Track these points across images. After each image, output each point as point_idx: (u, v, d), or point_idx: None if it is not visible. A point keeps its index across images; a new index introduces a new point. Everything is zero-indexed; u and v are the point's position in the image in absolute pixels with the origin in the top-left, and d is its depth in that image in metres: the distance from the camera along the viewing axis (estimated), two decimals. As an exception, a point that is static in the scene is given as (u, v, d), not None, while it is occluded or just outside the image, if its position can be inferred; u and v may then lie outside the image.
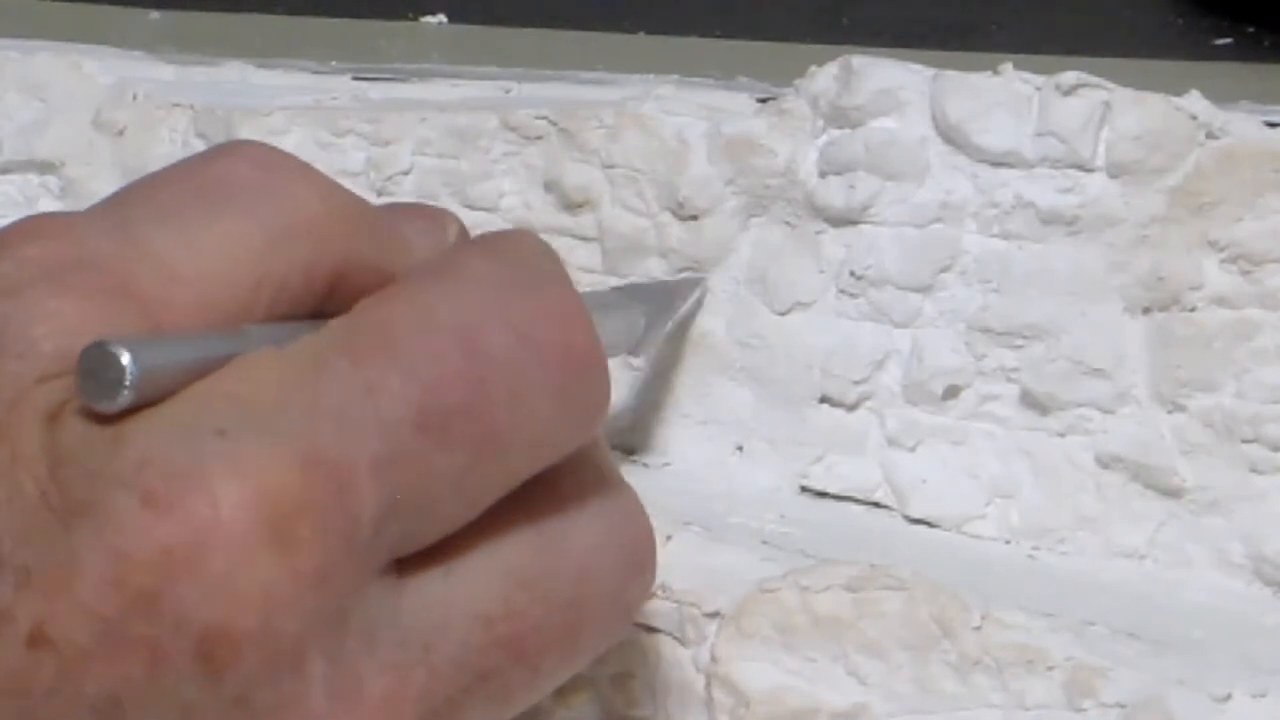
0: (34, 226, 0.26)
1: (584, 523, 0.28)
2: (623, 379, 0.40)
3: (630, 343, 0.36)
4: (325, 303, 0.27)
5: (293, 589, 0.23)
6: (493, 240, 0.29)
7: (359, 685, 0.24)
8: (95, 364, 0.23)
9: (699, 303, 0.39)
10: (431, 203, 0.30)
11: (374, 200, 0.42)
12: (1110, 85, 0.36)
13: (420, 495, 0.25)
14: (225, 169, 0.27)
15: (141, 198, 0.27)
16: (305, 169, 0.27)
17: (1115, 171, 0.36)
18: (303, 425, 0.23)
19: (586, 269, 0.40)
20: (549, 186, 0.41)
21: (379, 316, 0.25)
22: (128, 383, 0.23)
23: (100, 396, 0.23)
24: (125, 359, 0.23)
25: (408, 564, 0.25)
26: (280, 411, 0.23)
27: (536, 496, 0.27)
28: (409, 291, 0.26)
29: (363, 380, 0.24)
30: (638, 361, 0.39)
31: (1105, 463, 0.37)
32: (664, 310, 0.38)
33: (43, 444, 0.23)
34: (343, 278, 0.27)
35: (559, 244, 0.40)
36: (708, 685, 0.33)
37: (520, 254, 0.28)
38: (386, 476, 0.24)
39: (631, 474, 0.39)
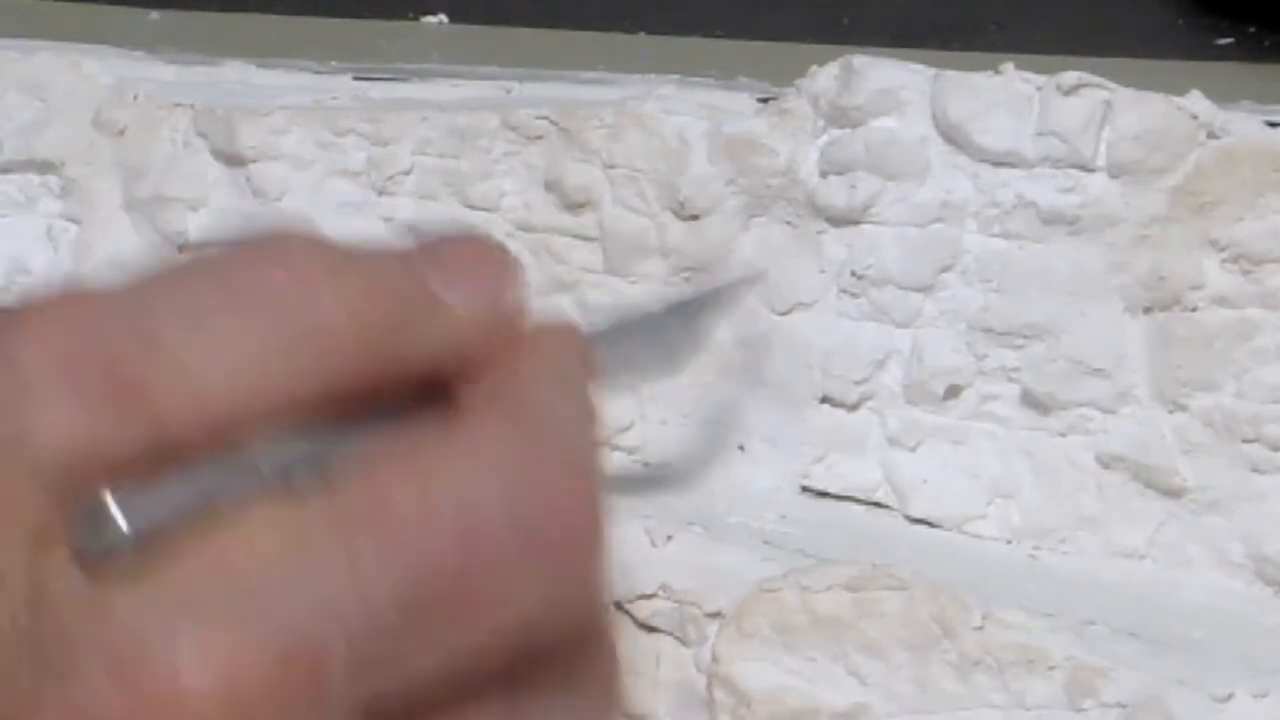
0: (60, 309, 0.26)
1: (558, 697, 0.28)
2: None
3: (671, 365, 0.35)
4: (364, 402, 0.27)
5: None
6: (523, 392, 0.28)
7: None
8: (90, 521, 0.23)
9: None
10: (484, 237, 0.29)
11: (373, 200, 0.42)
12: (1111, 85, 0.36)
13: (394, 677, 0.25)
14: (254, 268, 0.27)
15: (169, 292, 0.27)
16: (341, 268, 0.27)
17: (1116, 171, 0.36)
18: (285, 608, 0.24)
19: (587, 269, 0.40)
20: (550, 186, 0.41)
21: (375, 484, 0.25)
22: (124, 550, 0.23)
23: (94, 551, 0.23)
24: (123, 524, 0.23)
25: None
26: (260, 591, 0.24)
27: (518, 672, 0.27)
28: (409, 459, 0.26)
29: (347, 557, 0.24)
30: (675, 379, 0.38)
31: (1106, 462, 0.37)
32: (709, 318, 0.37)
33: (27, 576, 0.24)
34: (380, 377, 0.27)
35: (559, 244, 0.40)
36: (709, 685, 0.33)
37: (549, 416, 0.27)
38: (361, 657, 0.24)
39: (632, 474, 0.39)
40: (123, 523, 0.23)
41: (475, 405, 0.29)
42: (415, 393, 0.27)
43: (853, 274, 0.38)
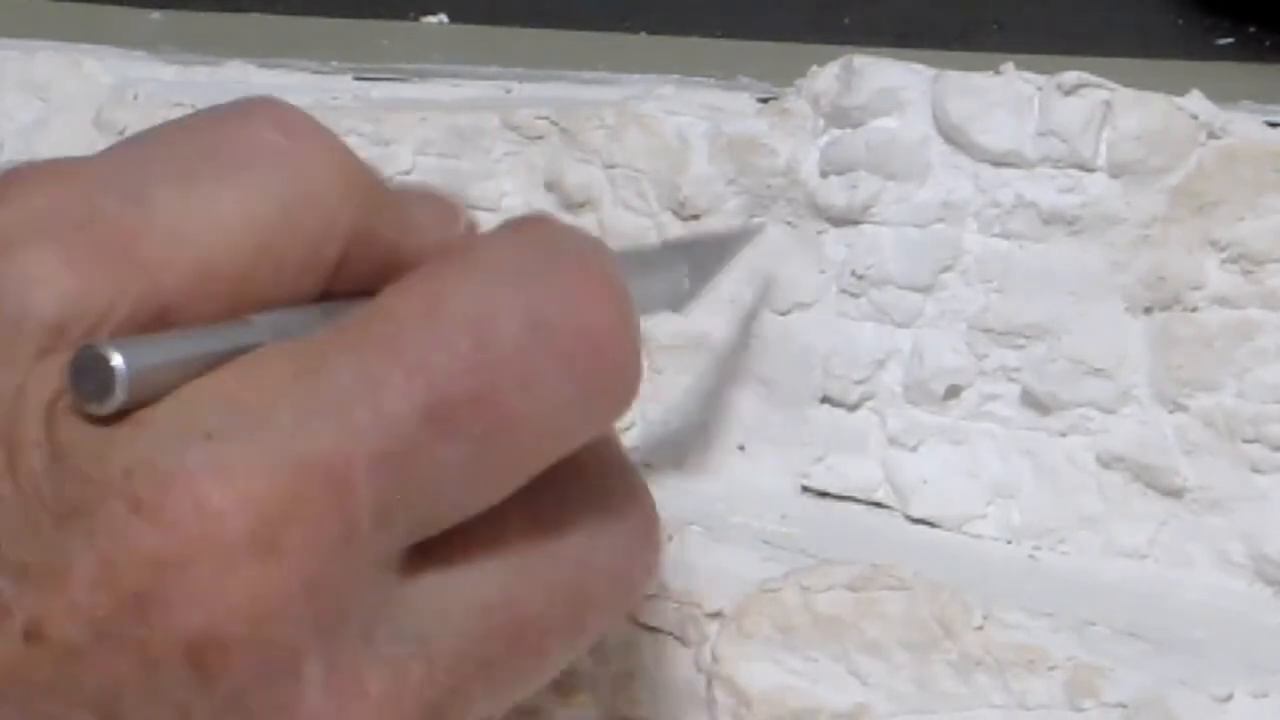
0: (40, 174, 0.25)
1: (587, 508, 0.27)
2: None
3: (673, 299, 0.34)
4: (334, 278, 0.26)
5: (282, 596, 0.23)
6: (512, 224, 0.28)
7: (358, 682, 0.24)
8: (87, 366, 0.23)
9: (749, 243, 0.38)
10: (445, 191, 0.29)
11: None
12: (1111, 85, 0.36)
13: (427, 487, 0.24)
14: (243, 130, 0.26)
15: (154, 153, 0.26)
16: (324, 136, 0.27)
17: (1116, 171, 0.36)
18: (297, 425, 0.23)
19: (587, 269, 0.40)
20: (550, 186, 0.41)
21: (388, 311, 0.25)
22: (117, 388, 0.23)
23: (91, 400, 0.23)
24: (117, 362, 0.23)
25: (409, 555, 0.25)
26: (274, 411, 0.23)
27: (539, 482, 0.26)
28: (419, 282, 0.25)
29: (366, 375, 0.24)
30: (681, 315, 0.37)
31: (1106, 462, 0.37)
32: (714, 263, 0.36)
33: (40, 437, 0.23)
34: (351, 253, 0.26)
35: (560, 244, 0.40)
36: (709, 685, 0.33)
37: (541, 236, 0.27)
38: (388, 471, 0.24)
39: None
40: (118, 361, 0.23)
41: (474, 234, 0.28)
42: (371, 285, 0.26)
43: (853, 274, 0.38)
